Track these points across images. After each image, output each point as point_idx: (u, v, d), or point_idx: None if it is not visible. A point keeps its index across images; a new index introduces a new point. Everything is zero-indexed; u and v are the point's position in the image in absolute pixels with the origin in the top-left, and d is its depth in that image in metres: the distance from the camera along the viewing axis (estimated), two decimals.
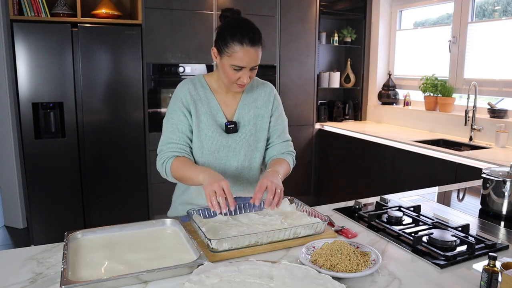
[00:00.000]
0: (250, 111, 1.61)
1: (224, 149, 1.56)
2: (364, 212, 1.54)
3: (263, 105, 1.63)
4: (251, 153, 1.60)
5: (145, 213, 3.59)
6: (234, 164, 1.58)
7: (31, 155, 3.15)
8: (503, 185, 1.56)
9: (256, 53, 1.42)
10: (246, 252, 1.19)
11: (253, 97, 1.63)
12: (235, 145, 1.57)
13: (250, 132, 1.59)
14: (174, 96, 1.57)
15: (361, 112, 4.52)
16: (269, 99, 1.65)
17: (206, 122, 1.54)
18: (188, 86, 1.57)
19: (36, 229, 3.23)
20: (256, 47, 1.42)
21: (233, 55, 1.41)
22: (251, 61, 1.42)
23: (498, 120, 3.14)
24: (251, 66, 1.44)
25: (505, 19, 3.24)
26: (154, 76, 3.50)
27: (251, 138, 1.59)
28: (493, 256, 0.99)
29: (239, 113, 1.60)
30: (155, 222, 1.36)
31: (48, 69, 3.11)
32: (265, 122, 1.63)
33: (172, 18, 3.46)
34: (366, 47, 4.43)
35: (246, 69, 1.44)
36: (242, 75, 1.45)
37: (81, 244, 1.21)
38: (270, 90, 1.67)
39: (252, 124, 1.60)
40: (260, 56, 1.45)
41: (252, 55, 1.41)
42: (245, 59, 1.41)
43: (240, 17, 1.50)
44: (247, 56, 1.41)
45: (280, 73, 3.97)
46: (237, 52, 1.40)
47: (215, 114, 1.56)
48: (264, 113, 1.63)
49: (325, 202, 1.86)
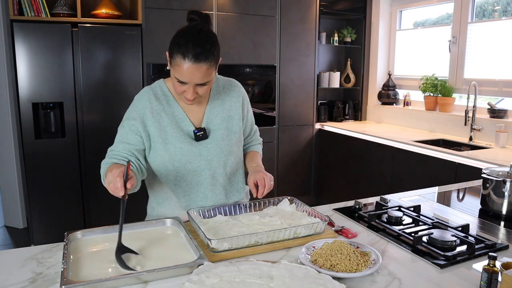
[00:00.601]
0: (219, 115, 1.51)
1: (195, 158, 1.45)
2: (364, 212, 1.54)
3: (232, 107, 1.54)
4: (225, 158, 1.50)
5: (145, 213, 3.58)
6: (208, 173, 1.48)
7: (31, 155, 3.15)
8: (503, 185, 1.56)
9: (200, 70, 1.29)
10: (246, 252, 1.19)
11: (220, 99, 1.53)
12: (207, 152, 1.47)
13: (221, 137, 1.49)
14: (132, 105, 1.47)
15: (361, 112, 4.53)
16: (237, 99, 1.56)
17: (173, 132, 1.43)
18: (148, 96, 1.45)
19: (36, 229, 3.23)
20: (201, 64, 1.28)
21: (176, 67, 1.31)
22: (193, 78, 1.30)
23: (498, 120, 3.15)
24: (194, 83, 1.32)
25: (505, 19, 3.24)
26: (154, 76, 3.50)
27: (223, 143, 1.49)
28: (493, 256, 0.99)
29: (208, 118, 1.50)
30: (155, 222, 1.37)
31: (48, 69, 3.11)
32: (235, 124, 1.54)
33: (172, 18, 3.46)
34: (366, 47, 4.43)
35: (190, 85, 1.32)
36: (186, 90, 1.34)
37: (81, 244, 1.21)
38: (237, 89, 1.58)
39: (223, 127, 1.51)
40: (209, 73, 1.32)
41: (195, 72, 1.29)
42: (186, 75, 1.30)
43: (197, 26, 1.36)
44: (188, 72, 1.29)
45: (280, 73, 3.97)
46: (179, 65, 1.29)
47: (180, 123, 1.45)
48: (234, 114, 1.54)
49: (325, 202, 1.86)
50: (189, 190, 1.50)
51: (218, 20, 3.61)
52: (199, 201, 1.51)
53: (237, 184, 1.59)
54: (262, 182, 1.42)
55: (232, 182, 1.57)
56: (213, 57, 1.32)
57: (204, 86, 1.35)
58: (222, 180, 1.52)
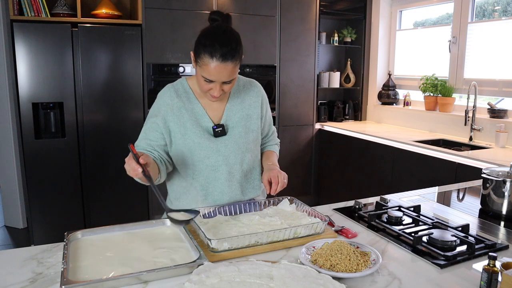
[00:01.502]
0: (238, 113, 1.56)
1: (213, 154, 1.50)
2: (364, 212, 1.54)
3: (251, 106, 1.59)
4: (242, 155, 1.54)
5: (145, 213, 3.59)
6: (225, 168, 1.52)
7: (31, 155, 3.15)
8: (503, 185, 1.56)
9: (227, 69, 1.35)
10: (246, 252, 1.19)
11: (240, 97, 1.58)
12: (224, 149, 1.51)
13: (239, 134, 1.54)
14: (155, 102, 1.54)
15: (361, 112, 4.53)
16: (257, 99, 1.61)
17: (192, 128, 1.48)
18: (170, 93, 1.52)
19: (36, 229, 3.23)
20: (227, 63, 1.34)
21: (203, 67, 1.36)
22: (221, 77, 1.36)
23: (498, 120, 3.14)
24: (222, 81, 1.38)
25: (505, 19, 3.24)
26: (154, 76, 3.51)
27: (241, 140, 1.54)
28: (493, 256, 0.99)
29: (227, 115, 1.55)
30: (155, 222, 1.37)
31: (48, 69, 3.11)
32: (253, 123, 1.58)
33: (172, 18, 3.46)
34: (366, 47, 4.43)
35: (217, 83, 1.38)
36: (213, 88, 1.39)
37: (81, 244, 1.21)
38: (257, 89, 1.63)
39: (241, 125, 1.55)
40: (235, 71, 1.39)
41: (222, 70, 1.35)
42: (214, 74, 1.35)
43: (222, 26, 1.41)
44: (216, 71, 1.34)
45: (280, 73, 3.97)
46: (207, 65, 1.34)
47: (200, 119, 1.51)
48: (253, 113, 1.59)
49: (325, 202, 1.86)
50: (207, 185, 1.52)
51: None
52: (216, 195, 1.53)
53: (253, 181, 1.62)
54: (275, 180, 1.48)
55: (248, 179, 1.60)
56: (238, 55, 1.38)
57: (230, 83, 1.42)
58: (239, 176, 1.56)
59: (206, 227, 1.30)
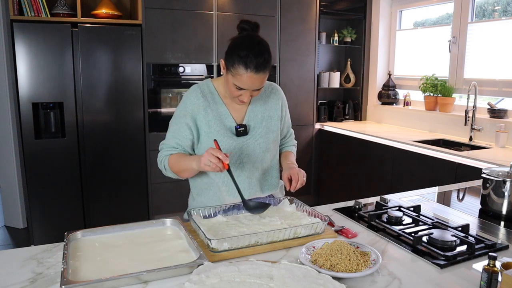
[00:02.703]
0: (259, 114, 1.63)
1: (236, 152, 1.57)
2: (364, 212, 1.54)
3: (272, 108, 1.66)
4: (262, 154, 1.62)
5: (145, 213, 3.59)
6: (247, 166, 1.60)
7: (31, 155, 3.15)
8: (503, 185, 1.56)
9: (260, 78, 1.43)
10: (246, 252, 1.19)
11: (262, 100, 1.65)
12: (246, 148, 1.59)
13: (260, 134, 1.61)
14: (182, 101, 1.60)
15: (361, 112, 4.52)
16: (277, 101, 1.68)
17: (216, 127, 1.56)
18: (196, 93, 1.58)
19: (36, 229, 3.23)
20: (260, 74, 1.41)
21: (236, 76, 1.42)
22: (252, 86, 1.44)
23: (498, 120, 3.14)
24: (253, 89, 1.46)
25: (505, 19, 3.24)
26: (154, 76, 3.50)
27: (261, 140, 1.61)
28: (493, 256, 0.99)
29: (249, 116, 1.62)
30: (155, 222, 1.37)
31: (48, 69, 3.11)
32: (274, 124, 1.66)
33: (172, 18, 3.46)
34: (366, 47, 4.43)
35: (247, 91, 1.45)
36: (243, 94, 1.46)
37: (81, 244, 1.21)
38: (278, 92, 1.71)
39: (262, 126, 1.62)
40: (265, 80, 1.46)
41: (255, 81, 1.42)
42: (247, 83, 1.42)
43: (254, 36, 1.48)
44: (249, 81, 1.41)
45: (280, 73, 3.97)
46: (241, 75, 1.41)
47: (224, 119, 1.58)
48: (273, 115, 1.66)
49: (325, 202, 1.86)
50: (228, 181, 1.56)
51: (218, 20, 3.61)
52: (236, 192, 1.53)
53: (271, 179, 1.69)
54: (295, 177, 1.54)
55: (267, 176, 1.67)
56: (269, 65, 1.45)
57: (259, 90, 1.49)
58: (258, 174, 1.63)
59: (206, 227, 1.31)
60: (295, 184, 1.53)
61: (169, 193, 3.60)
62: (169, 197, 3.61)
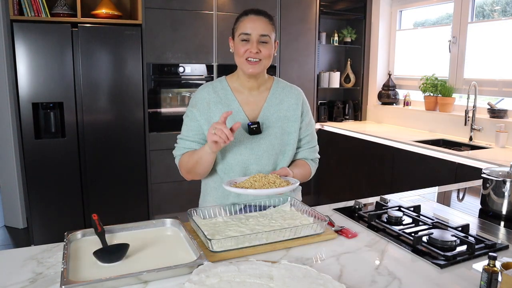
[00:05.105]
0: (276, 113, 1.56)
1: (245, 151, 1.51)
2: (364, 212, 1.54)
3: (290, 108, 1.58)
4: (276, 157, 1.54)
5: (145, 213, 3.59)
6: (256, 168, 1.52)
7: (31, 155, 3.15)
8: (503, 185, 1.56)
9: (261, 20, 1.47)
10: (246, 252, 1.19)
11: (279, 98, 1.58)
12: (258, 147, 1.52)
13: (275, 134, 1.53)
14: (192, 98, 1.60)
15: (361, 112, 4.52)
16: (297, 102, 1.60)
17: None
18: (207, 89, 1.57)
19: (36, 229, 3.23)
20: (261, 16, 1.47)
21: (239, 25, 1.48)
22: (257, 28, 1.45)
23: (498, 120, 3.14)
24: (258, 34, 1.46)
25: (505, 19, 3.24)
26: (154, 76, 3.50)
27: (276, 141, 1.53)
28: (493, 256, 0.99)
29: (264, 114, 1.55)
30: (155, 222, 1.36)
31: (48, 69, 3.11)
32: (291, 125, 1.57)
33: (172, 18, 3.46)
34: (366, 47, 4.43)
35: (253, 39, 1.46)
36: (250, 46, 1.46)
37: (81, 244, 1.21)
38: (298, 93, 1.63)
39: (278, 126, 1.55)
40: (269, 29, 1.48)
41: (256, 21, 1.46)
42: (250, 25, 1.45)
43: None
44: (251, 22, 1.45)
45: (280, 73, 3.97)
46: (242, 21, 1.48)
47: (235, 115, 1.52)
48: (291, 116, 1.58)
49: (325, 202, 1.86)
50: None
51: (218, 20, 3.61)
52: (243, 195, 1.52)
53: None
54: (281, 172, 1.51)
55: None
56: (272, 20, 1.51)
57: (266, 44, 1.48)
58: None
59: (206, 227, 1.30)
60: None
61: (169, 193, 3.60)
62: (169, 197, 3.61)
